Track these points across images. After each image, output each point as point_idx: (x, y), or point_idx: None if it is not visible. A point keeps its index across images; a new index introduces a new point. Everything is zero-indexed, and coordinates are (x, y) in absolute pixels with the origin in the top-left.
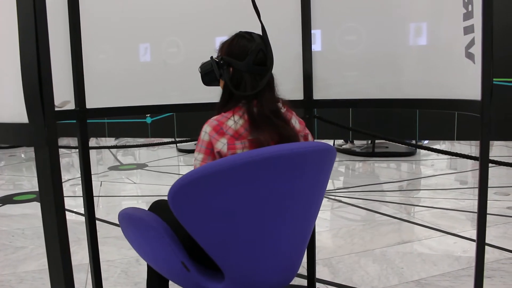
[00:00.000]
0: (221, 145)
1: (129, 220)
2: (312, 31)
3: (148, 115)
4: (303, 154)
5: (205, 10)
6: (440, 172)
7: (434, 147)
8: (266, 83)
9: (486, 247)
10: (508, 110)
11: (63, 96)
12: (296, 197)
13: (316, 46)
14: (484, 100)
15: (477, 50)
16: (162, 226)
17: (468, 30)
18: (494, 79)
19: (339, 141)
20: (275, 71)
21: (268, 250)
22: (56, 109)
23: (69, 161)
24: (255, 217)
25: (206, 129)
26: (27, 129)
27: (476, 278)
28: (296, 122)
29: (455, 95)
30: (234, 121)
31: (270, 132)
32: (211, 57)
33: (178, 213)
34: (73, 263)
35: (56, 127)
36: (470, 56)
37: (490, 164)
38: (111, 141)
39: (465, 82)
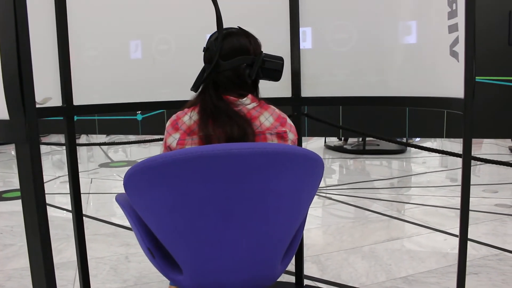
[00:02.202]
0: (172, 139)
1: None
2: (303, 29)
3: (139, 112)
4: (240, 155)
5: (195, 6)
6: (430, 170)
7: (425, 144)
8: (225, 77)
9: (473, 244)
10: (496, 108)
11: (49, 92)
12: (245, 199)
13: (307, 44)
14: (467, 98)
15: (461, 48)
16: (131, 209)
17: (453, 28)
18: (484, 78)
19: (333, 139)
20: None
21: (222, 250)
22: (38, 105)
23: (60, 158)
24: (200, 215)
25: (167, 124)
26: (8, 125)
27: (458, 273)
28: (268, 119)
29: (441, 93)
30: (189, 117)
31: (221, 129)
32: None
33: (131, 199)
34: (62, 260)
35: (37, 124)
36: (454, 54)
37: (479, 162)
38: (102, 138)
39: (450, 80)
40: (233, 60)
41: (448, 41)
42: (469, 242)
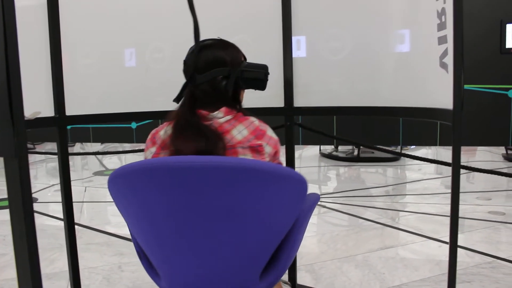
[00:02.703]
0: (149, 153)
1: None
2: (298, 37)
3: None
4: (202, 168)
5: (188, 14)
6: (425, 177)
7: (420, 151)
8: (201, 91)
9: (468, 251)
10: (489, 116)
11: (41, 102)
12: (205, 212)
13: (301, 52)
14: (455, 109)
15: (450, 60)
16: None
17: (442, 40)
18: (477, 86)
19: (328, 147)
20: None
21: (187, 260)
22: (27, 119)
23: (54, 166)
24: (162, 224)
25: (147, 137)
26: None
27: (449, 282)
28: (241, 132)
29: (431, 103)
30: (165, 131)
31: (191, 143)
32: None
33: (114, 202)
34: (55, 270)
35: (26, 138)
36: (444, 65)
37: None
38: (96, 146)
39: (440, 91)
40: (208, 73)
41: (438, 53)
42: (462, 250)
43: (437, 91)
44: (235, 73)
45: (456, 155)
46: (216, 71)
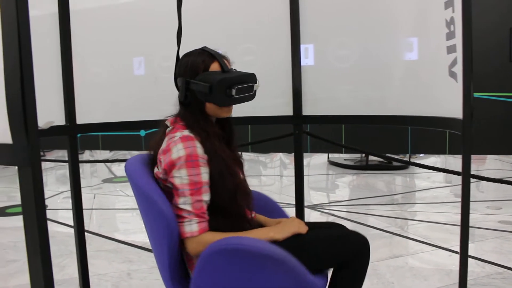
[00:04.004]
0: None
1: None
2: (306, 45)
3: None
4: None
5: (197, 23)
6: (434, 185)
7: (429, 160)
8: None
9: (478, 261)
10: (499, 125)
11: (53, 111)
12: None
13: (309, 60)
14: (465, 119)
15: (459, 69)
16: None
17: (451, 49)
18: (487, 94)
19: (335, 155)
20: (265, 86)
21: None
22: (40, 129)
23: (64, 173)
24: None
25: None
26: (11, 149)
27: None
28: (164, 143)
29: (440, 113)
30: None
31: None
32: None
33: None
34: (65, 277)
35: (39, 148)
36: (453, 75)
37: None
38: (105, 153)
39: (449, 100)
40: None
41: (447, 62)
42: (473, 260)
43: (446, 100)
44: (183, 84)
45: (466, 165)
46: (176, 81)
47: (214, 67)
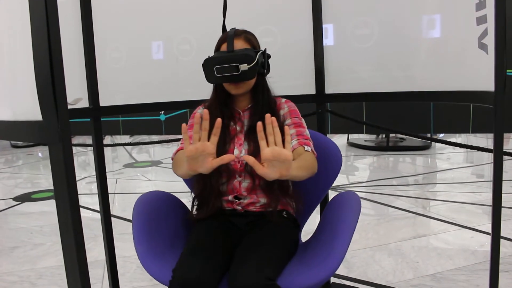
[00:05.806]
0: None
1: None
2: (325, 25)
3: (162, 112)
4: None
5: (215, 6)
6: (456, 166)
7: (450, 140)
8: None
9: (503, 241)
10: None
11: (77, 94)
12: None
13: (328, 41)
14: (497, 91)
15: (490, 40)
16: None
17: (481, 20)
18: (508, 70)
19: (354, 136)
20: (287, 65)
21: None
22: (69, 106)
23: (85, 159)
24: None
25: None
26: (41, 126)
27: (491, 271)
28: None
29: (468, 87)
30: None
31: None
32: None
33: None
34: (90, 259)
35: (69, 124)
36: (483, 46)
37: (506, 157)
38: (126, 139)
39: (478, 73)
40: None
41: (476, 34)
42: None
43: (475, 73)
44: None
45: (499, 140)
46: None
47: (223, 47)
